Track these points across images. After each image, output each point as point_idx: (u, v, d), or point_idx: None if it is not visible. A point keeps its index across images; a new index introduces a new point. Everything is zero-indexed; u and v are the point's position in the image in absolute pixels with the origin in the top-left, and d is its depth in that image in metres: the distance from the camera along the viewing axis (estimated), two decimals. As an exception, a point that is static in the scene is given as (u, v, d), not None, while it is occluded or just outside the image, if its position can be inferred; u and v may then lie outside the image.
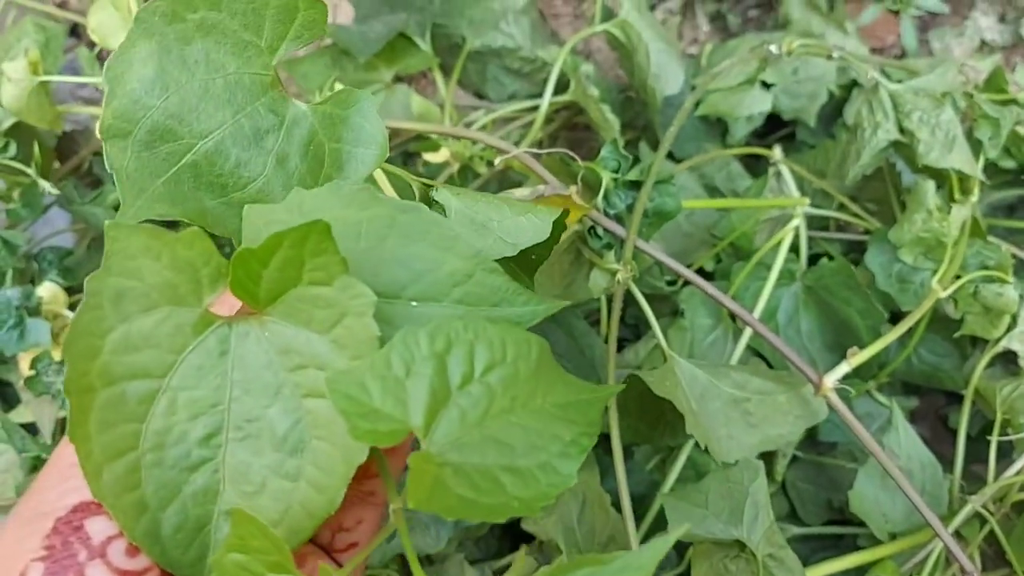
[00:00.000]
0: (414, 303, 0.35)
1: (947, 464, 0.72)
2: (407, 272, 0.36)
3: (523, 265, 0.48)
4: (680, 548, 0.73)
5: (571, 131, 0.96)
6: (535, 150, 0.64)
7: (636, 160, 0.65)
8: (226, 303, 0.34)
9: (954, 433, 0.74)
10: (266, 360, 0.34)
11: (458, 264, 0.36)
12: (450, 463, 0.31)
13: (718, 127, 0.89)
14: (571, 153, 0.65)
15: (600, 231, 0.62)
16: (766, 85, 0.83)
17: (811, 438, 0.78)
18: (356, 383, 0.31)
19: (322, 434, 0.33)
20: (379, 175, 0.50)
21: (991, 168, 0.87)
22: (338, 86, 0.58)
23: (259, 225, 0.34)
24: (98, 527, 0.31)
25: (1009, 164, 0.85)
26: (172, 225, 0.35)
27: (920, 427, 0.78)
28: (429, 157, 0.84)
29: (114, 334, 0.32)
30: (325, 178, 0.43)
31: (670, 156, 0.85)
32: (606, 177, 0.64)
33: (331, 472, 0.33)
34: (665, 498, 0.57)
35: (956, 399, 0.84)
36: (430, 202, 0.47)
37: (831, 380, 0.60)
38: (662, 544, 0.26)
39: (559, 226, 0.48)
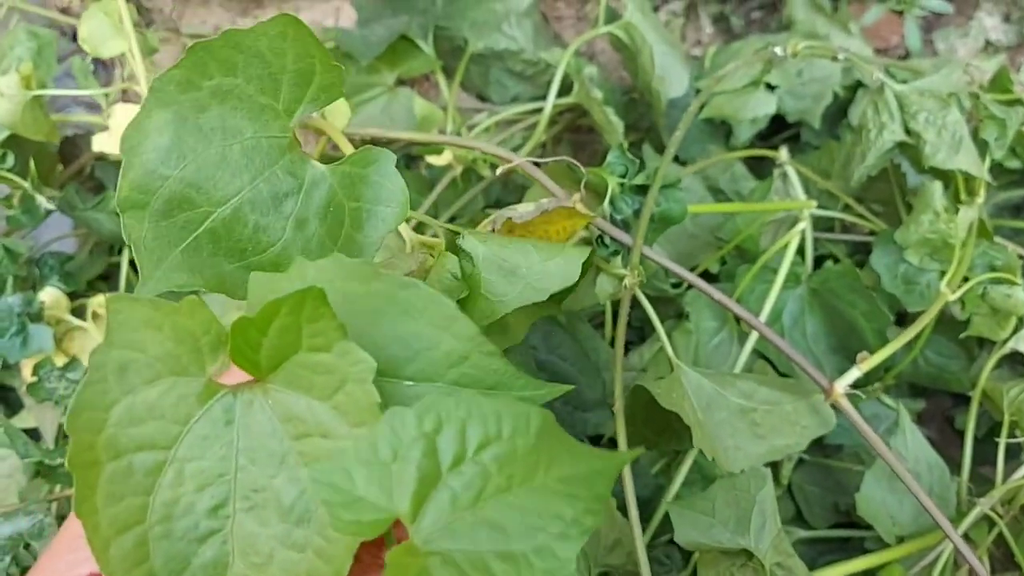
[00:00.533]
0: (410, 382, 0.34)
1: (954, 466, 0.72)
2: (404, 350, 0.35)
3: (553, 295, 0.48)
4: (685, 551, 0.72)
5: (574, 133, 0.96)
6: (537, 159, 0.64)
7: (642, 164, 0.65)
8: (235, 373, 0.34)
9: (961, 435, 0.73)
10: (270, 428, 0.33)
11: (455, 344, 0.35)
12: (438, 552, 0.30)
13: (722, 129, 0.88)
14: (574, 161, 0.65)
15: (607, 239, 0.62)
16: (770, 87, 0.82)
17: (818, 441, 0.77)
18: (340, 471, 0.30)
19: None
20: (408, 233, 0.49)
21: (996, 168, 0.86)
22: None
23: (264, 294, 0.34)
24: None
25: (1015, 164, 0.85)
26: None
27: (927, 429, 0.77)
28: (432, 160, 0.83)
29: (118, 407, 0.32)
30: (345, 239, 0.42)
31: (675, 159, 0.85)
32: (613, 183, 0.64)
33: (337, 542, 0.33)
34: (671, 506, 0.57)
35: (963, 401, 0.83)
36: (457, 249, 0.46)
37: (842, 386, 0.60)
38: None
39: (587, 266, 0.47)
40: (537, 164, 0.64)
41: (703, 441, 0.58)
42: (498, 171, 0.64)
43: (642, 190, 0.64)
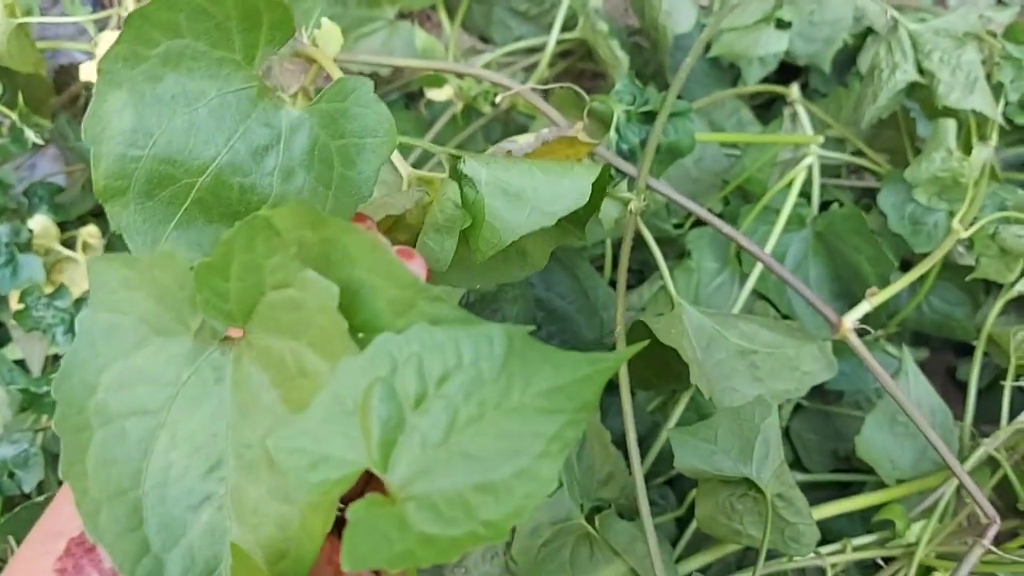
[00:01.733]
0: (360, 335, 0.32)
1: (957, 417, 0.71)
2: (351, 299, 0.32)
3: (571, 218, 0.46)
4: (679, 491, 0.71)
5: (577, 78, 0.94)
6: (540, 86, 0.62)
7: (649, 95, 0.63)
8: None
9: (963, 389, 0.72)
10: (258, 380, 0.32)
11: (398, 292, 0.32)
12: (413, 497, 0.28)
13: (730, 74, 0.87)
14: (578, 89, 0.63)
15: (612, 170, 0.60)
16: (782, 24, 0.80)
17: (817, 388, 0.76)
18: (300, 432, 0.29)
19: None
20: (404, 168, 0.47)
21: (1007, 124, 0.85)
22: (325, 22, 0.55)
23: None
24: None
25: (1024, 121, 0.84)
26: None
27: (930, 383, 0.76)
28: (432, 95, 0.82)
29: (108, 372, 0.31)
30: (338, 180, 0.41)
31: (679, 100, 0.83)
32: (619, 110, 0.62)
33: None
34: (672, 432, 0.55)
35: (966, 354, 0.82)
36: (459, 175, 0.44)
37: (851, 320, 0.58)
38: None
39: (601, 183, 0.45)
40: (541, 94, 0.63)
41: (700, 379, 0.57)
42: (499, 98, 0.62)
43: (649, 118, 0.62)
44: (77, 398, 0.30)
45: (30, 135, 0.79)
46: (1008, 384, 0.66)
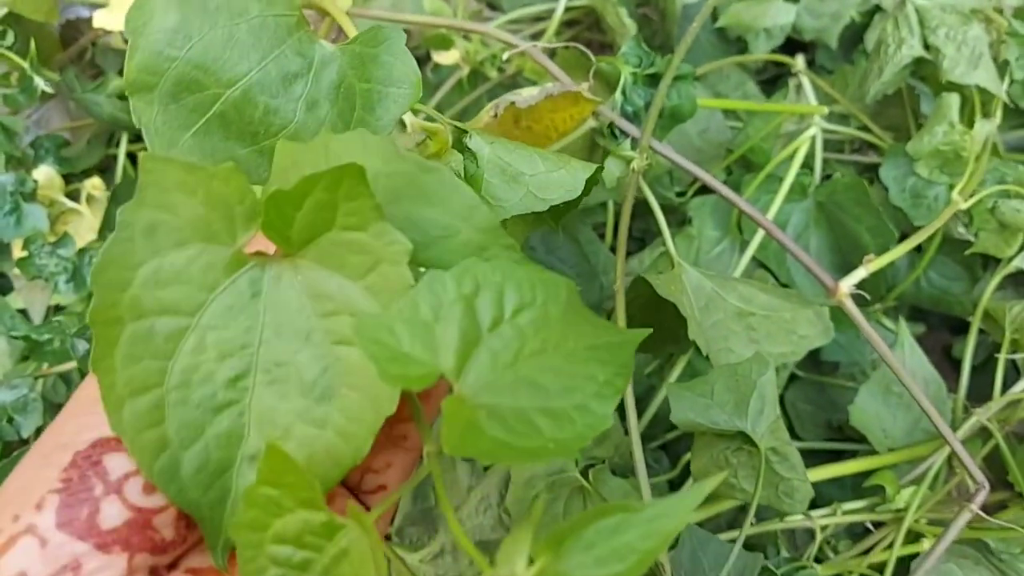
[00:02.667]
0: (421, 269, 0.33)
1: (953, 392, 0.72)
2: (421, 235, 0.34)
3: (553, 209, 0.47)
4: (672, 455, 0.72)
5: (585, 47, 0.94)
6: (546, 44, 0.63)
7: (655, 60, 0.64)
8: (260, 242, 0.34)
9: (960, 367, 0.73)
10: (298, 304, 0.33)
11: (473, 235, 0.34)
12: (484, 406, 0.30)
13: (737, 47, 0.87)
14: (585, 48, 0.64)
15: (616, 130, 0.61)
16: (790, -4, 0.81)
17: (812, 358, 0.76)
18: (384, 328, 0.30)
19: (352, 382, 0.32)
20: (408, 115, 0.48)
21: (1013, 108, 0.85)
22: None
23: (287, 164, 0.33)
24: (116, 463, 0.31)
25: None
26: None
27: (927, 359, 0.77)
28: (439, 58, 0.82)
29: (145, 268, 0.31)
30: (357, 121, 0.41)
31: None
32: (626, 72, 0.63)
33: (359, 421, 0.33)
34: (670, 387, 0.56)
35: (963, 332, 0.82)
36: (463, 147, 0.45)
37: (847, 285, 0.58)
38: (697, 492, 0.25)
39: (592, 182, 0.46)
40: (548, 54, 0.63)
41: (698, 335, 0.57)
42: (505, 55, 0.63)
43: (654, 81, 0.63)
44: (112, 291, 0.31)
45: (39, 83, 0.79)
46: (1002, 357, 0.67)
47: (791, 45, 0.86)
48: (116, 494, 0.30)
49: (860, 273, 0.58)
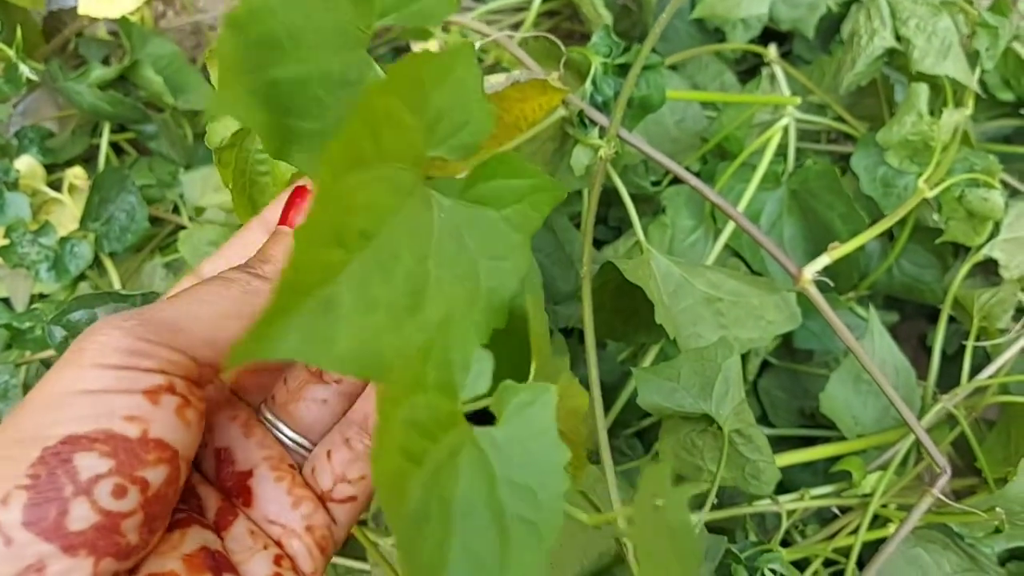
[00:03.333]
0: None
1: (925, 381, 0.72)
2: None
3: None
4: (647, 441, 0.72)
5: (562, 39, 0.95)
6: (520, 34, 0.63)
7: (627, 49, 0.64)
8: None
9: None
10: (464, 236, 0.36)
11: None
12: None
13: (715, 38, 0.87)
14: (554, 38, 0.64)
15: (586, 119, 0.61)
16: (765, -13, 0.81)
17: (786, 346, 0.77)
18: None
19: None
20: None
21: (990, 100, 0.86)
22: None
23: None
24: (87, 463, 0.29)
25: (1008, 96, 0.85)
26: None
27: (902, 350, 0.77)
28: (417, 49, 0.83)
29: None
30: None
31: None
32: (596, 62, 0.63)
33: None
34: (637, 371, 0.57)
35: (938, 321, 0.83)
36: None
37: (810, 272, 0.59)
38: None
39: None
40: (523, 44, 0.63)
41: (665, 319, 0.58)
42: (477, 45, 0.63)
43: (625, 71, 0.63)
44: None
45: (25, 71, 0.80)
46: (970, 344, 0.67)
47: (770, 34, 0.87)
48: (85, 496, 0.28)
49: (823, 260, 0.59)
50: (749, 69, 0.90)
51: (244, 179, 0.55)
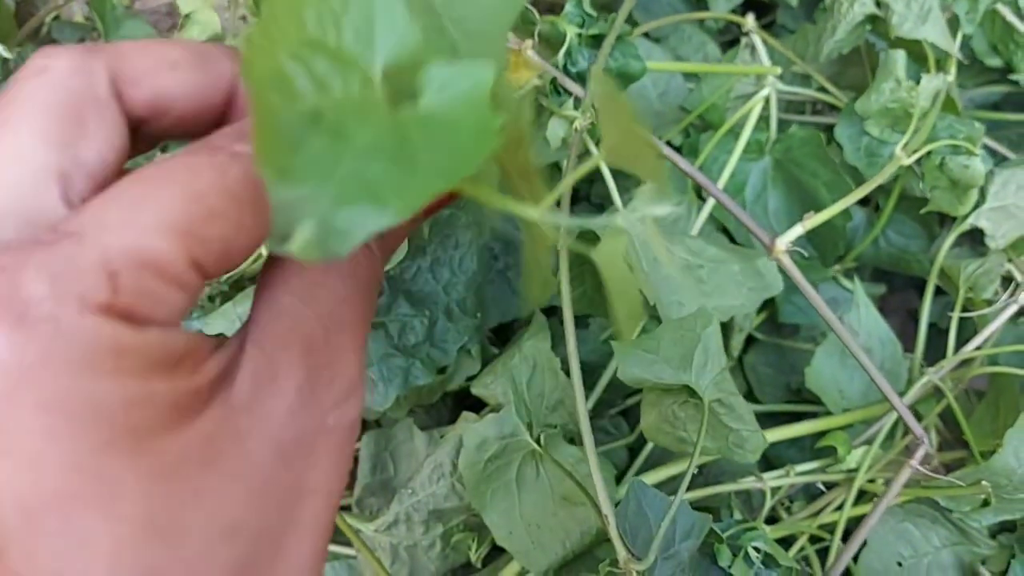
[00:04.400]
0: None
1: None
2: None
3: None
4: (632, 421, 0.72)
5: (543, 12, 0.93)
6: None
7: (604, 20, 0.63)
8: None
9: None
10: None
11: None
12: None
13: (699, 8, 0.86)
14: (529, 6, 0.63)
15: (561, 89, 0.60)
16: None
17: (771, 321, 0.76)
18: None
19: None
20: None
21: (978, 66, 0.85)
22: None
23: None
24: None
25: (995, 63, 0.84)
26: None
27: (890, 322, 0.76)
28: None
29: None
30: None
31: (647, 36, 0.83)
32: (570, 32, 0.62)
33: None
34: (616, 344, 0.56)
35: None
36: None
37: (783, 242, 0.58)
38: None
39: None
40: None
41: (646, 288, 0.57)
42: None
43: (599, 42, 0.62)
44: None
45: (2, 51, 0.78)
46: (955, 316, 0.66)
47: (754, 5, 0.85)
48: None
49: (797, 230, 0.58)
50: (733, 40, 0.89)
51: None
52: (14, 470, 0.21)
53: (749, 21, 0.74)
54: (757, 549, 0.55)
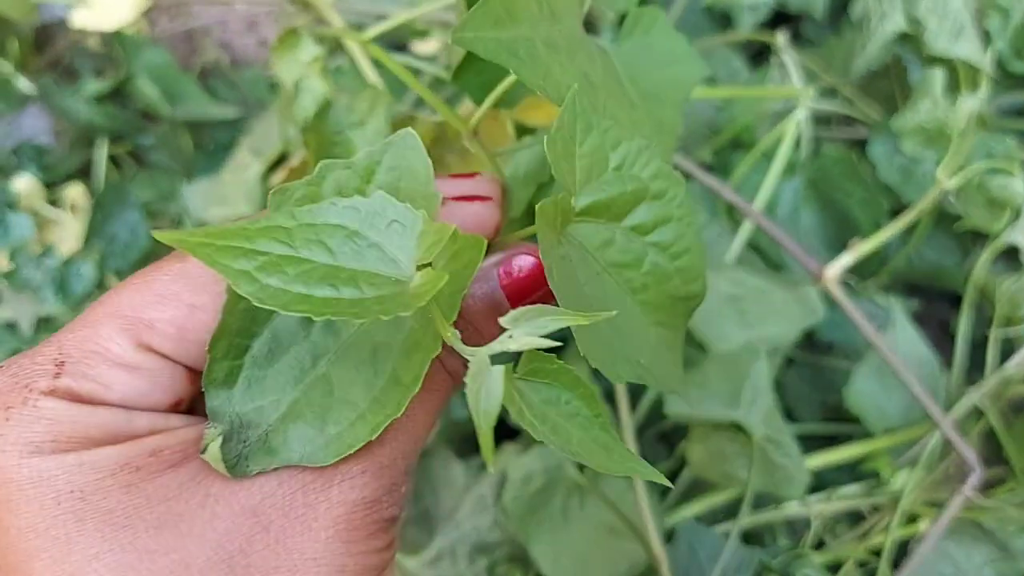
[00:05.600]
0: None
1: (949, 370, 0.71)
2: None
3: None
4: (670, 442, 0.72)
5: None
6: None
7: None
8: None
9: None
10: None
11: None
12: None
13: (724, 24, 0.86)
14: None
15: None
16: (771, -29, 0.80)
17: (808, 339, 0.76)
18: None
19: None
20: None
21: (1002, 72, 0.84)
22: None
23: None
24: None
25: (1021, 68, 0.83)
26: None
27: (922, 335, 0.76)
28: (418, 48, 0.81)
29: None
30: None
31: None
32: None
33: None
34: (662, 381, 0.56)
35: (960, 306, 0.82)
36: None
37: (833, 271, 0.58)
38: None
39: None
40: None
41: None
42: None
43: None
44: None
45: (24, 83, 0.78)
46: (992, 333, 0.66)
47: (778, 16, 0.85)
48: None
49: (846, 259, 0.58)
50: (759, 52, 0.88)
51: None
52: None
53: (779, 39, 0.74)
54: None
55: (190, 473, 0.26)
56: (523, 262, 0.31)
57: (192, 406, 0.29)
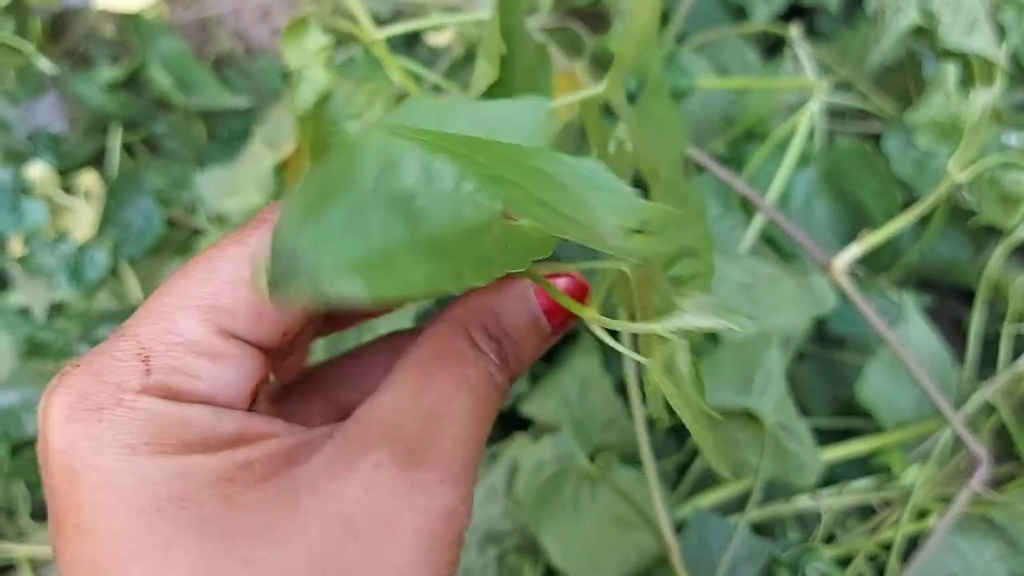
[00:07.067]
0: None
1: (961, 365, 0.71)
2: None
3: None
4: (680, 437, 0.72)
5: (580, 21, 0.93)
6: (542, 27, 0.62)
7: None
8: None
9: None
10: None
11: None
12: None
13: (738, 17, 0.85)
14: (578, 31, 0.63)
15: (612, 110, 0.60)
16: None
17: (820, 333, 0.76)
18: None
19: None
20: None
21: (1016, 66, 0.84)
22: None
23: None
24: None
25: (1032, 62, 0.83)
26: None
27: (934, 330, 0.76)
28: (432, 40, 0.81)
29: None
30: None
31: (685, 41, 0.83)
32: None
33: None
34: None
35: (973, 302, 0.82)
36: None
37: (842, 262, 0.58)
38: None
39: None
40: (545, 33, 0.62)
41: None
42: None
43: (648, 61, 0.62)
44: None
45: (45, 66, 0.79)
46: (1005, 329, 0.66)
47: (792, 10, 0.85)
48: None
49: (854, 251, 0.58)
50: (773, 45, 0.88)
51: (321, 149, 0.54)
52: (80, 541, 0.24)
53: (793, 31, 0.74)
54: (817, 569, 0.56)
55: (280, 485, 0.26)
56: (561, 283, 0.32)
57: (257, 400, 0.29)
